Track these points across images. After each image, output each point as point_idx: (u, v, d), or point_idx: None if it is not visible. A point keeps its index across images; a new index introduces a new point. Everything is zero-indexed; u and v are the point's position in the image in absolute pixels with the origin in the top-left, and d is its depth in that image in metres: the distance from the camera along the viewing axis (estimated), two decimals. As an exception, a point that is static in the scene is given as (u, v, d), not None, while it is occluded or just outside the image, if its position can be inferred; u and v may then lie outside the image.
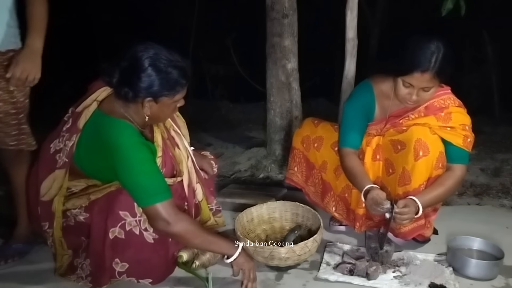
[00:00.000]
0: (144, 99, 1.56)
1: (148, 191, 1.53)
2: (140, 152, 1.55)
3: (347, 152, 1.99)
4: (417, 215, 1.80)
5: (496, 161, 3.57)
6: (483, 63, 6.15)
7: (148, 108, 1.58)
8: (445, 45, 1.73)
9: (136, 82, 1.52)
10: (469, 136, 1.86)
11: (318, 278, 1.77)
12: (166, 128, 1.83)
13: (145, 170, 1.54)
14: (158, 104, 1.58)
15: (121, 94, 1.56)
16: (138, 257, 1.64)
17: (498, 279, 1.78)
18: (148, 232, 1.64)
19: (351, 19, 2.78)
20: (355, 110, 2.01)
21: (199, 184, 1.89)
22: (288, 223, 2.14)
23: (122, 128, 1.57)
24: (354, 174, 1.93)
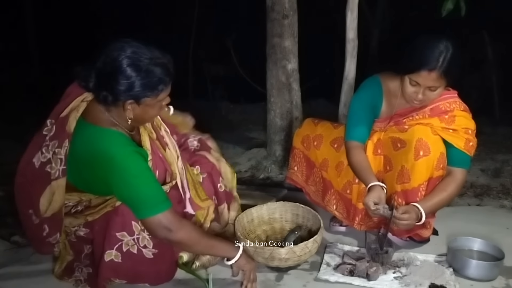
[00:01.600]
0: (125, 102, 1.45)
1: (147, 203, 1.49)
2: (134, 163, 1.47)
3: (354, 146, 1.96)
4: (419, 222, 1.80)
5: (496, 161, 3.57)
6: (483, 63, 6.15)
7: (130, 111, 1.47)
8: (454, 45, 1.73)
9: (114, 85, 1.41)
10: (472, 140, 1.86)
11: (318, 279, 1.77)
12: (155, 127, 1.74)
13: (143, 182, 1.48)
14: (140, 106, 1.47)
15: (100, 98, 1.46)
16: (136, 272, 1.62)
17: (498, 280, 1.78)
18: (147, 249, 1.60)
19: (351, 20, 2.78)
20: (363, 103, 2.00)
21: (189, 191, 1.81)
22: (289, 224, 2.14)
23: (113, 138, 1.48)
24: (359, 169, 1.91)
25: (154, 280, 1.70)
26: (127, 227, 1.56)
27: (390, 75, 2.00)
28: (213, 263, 1.83)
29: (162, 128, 1.77)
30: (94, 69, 1.44)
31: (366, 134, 1.99)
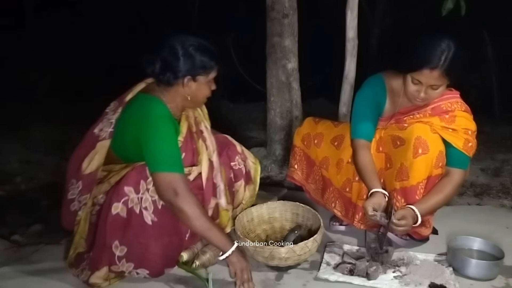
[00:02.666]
0: (184, 78, 1.70)
1: (164, 159, 1.62)
2: (165, 125, 1.66)
3: (361, 145, 1.96)
4: (415, 224, 1.81)
5: (496, 161, 3.58)
6: (483, 63, 6.15)
7: (188, 88, 1.73)
8: (457, 44, 1.73)
9: (177, 64, 1.68)
10: (471, 141, 1.86)
11: (318, 278, 1.77)
12: (197, 122, 1.90)
13: (166, 141, 1.64)
14: (196, 82, 1.73)
15: (163, 80, 1.71)
16: (137, 240, 1.65)
17: (498, 279, 1.78)
18: (147, 212, 1.65)
19: (351, 19, 2.78)
20: (367, 101, 2.00)
21: (222, 184, 1.88)
22: (288, 223, 2.14)
23: (155, 103, 1.70)
24: (365, 171, 1.91)
25: (153, 259, 1.68)
26: (135, 184, 1.65)
27: (393, 74, 2.00)
28: (213, 262, 1.83)
29: (202, 124, 1.92)
30: (159, 56, 1.71)
31: (372, 131, 1.99)
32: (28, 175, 3.09)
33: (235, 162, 2.01)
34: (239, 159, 2.03)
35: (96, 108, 1.91)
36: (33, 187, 2.92)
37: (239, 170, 2.02)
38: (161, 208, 1.67)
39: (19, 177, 3.03)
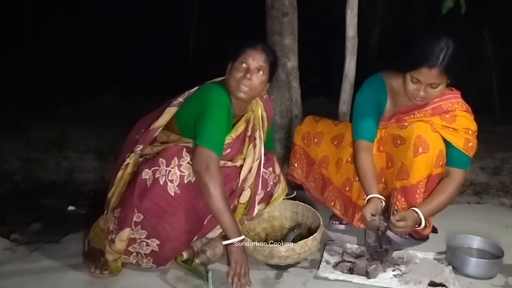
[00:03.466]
0: (228, 64, 1.87)
1: (211, 137, 1.74)
2: (222, 111, 1.78)
3: (362, 148, 1.95)
4: (419, 227, 1.82)
5: (496, 159, 3.58)
6: (483, 61, 6.15)
7: (228, 71, 1.86)
8: (455, 42, 1.73)
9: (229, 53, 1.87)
10: (471, 141, 1.86)
11: (317, 277, 1.77)
12: (254, 128, 1.98)
13: (219, 124, 1.77)
14: (233, 66, 1.84)
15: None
16: (155, 208, 1.70)
17: (497, 278, 1.78)
18: (172, 184, 1.70)
19: (351, 18, 2.77)
20: (368, 101, 2.00)
21: (250, 189, 1.94)
22: (288, 222, 2.14)
23: (221, 91, 1.81)
24: (364, 175, 1.91)
25: (166, 233, 1.72)
26: (169, 158, 1.72)
27: (393, 73, 2.00)
28: (213, 260, 1.83)
29: (258, 133, 1.98)
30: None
31: (374, 131, 1.99)
32: (27, 174, 3.09)
33: (269, 176, 2.05)
34: (272, 180, 2.06)
35: (97, 106, 1.91)
36: (33, 186, 2.92)
37: (266, 191, 2.05)
38: (186, 183, 1.72)
39: (19, 176, 3.03)
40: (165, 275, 1.77)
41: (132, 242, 1.73)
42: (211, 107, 1.77)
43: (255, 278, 1.75)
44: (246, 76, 1.80)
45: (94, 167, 3.30)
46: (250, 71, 1.80)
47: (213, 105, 1.77)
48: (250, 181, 1.94)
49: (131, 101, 5.80)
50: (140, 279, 1.74)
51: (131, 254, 1.76)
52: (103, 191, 2.79)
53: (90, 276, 1.75)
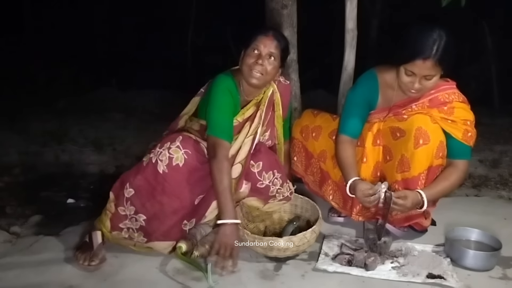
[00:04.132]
0: (241, 51, 1.96)
1: (216, 126, 1.87)
2: (224, 96, 1.90)
3: (344, 140, 2.00)
4: (421, 209, 1.82)
5: (494, 152, 3.58)
6: (483, 54, 6.13)
7: (241, 59, 1.94)
8: (447, 33, 1.73)
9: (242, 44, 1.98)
10: (470, 131, 1.86)
11: (316, 269, 1.78)
12: (264, 120, 2.04)
13: (222, 111, 1.89)
14: (245, 53, 1.92)
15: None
16: (145, 184, 1.79)
17: (495, 270, 1.80)
18: (161, 163, 1.77)
19: (350, 10, 2.76)
20: (358, 99, 2.02)
21: (241, 164, 1.95)
22: (287, 215, 2.15)
23: (226, 77, 1.95)
24: (344, 164, 1.96)
25: (152, 213, 1.79)
26: (163, 143, 1.81)
27: (386, 68, 2.00)
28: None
29: (259, 112, 2.03)
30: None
31: (358, 129, 2.03)
32: (26, 166, 3.08)
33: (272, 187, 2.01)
34: (275, 186, 2.01)
35: (96, 99, 1.91)
36: (32, 178, 2.92)
37: (265, 187, 2.00)
38: (174, 166, 1.77)
39: (18, 168, 3.02)
40: (164, 267, 1.78)
41: (123, 219, 1.81)
42: (215, 95, 1.89)
43: (254, 270, 1.77)
44: (258, 62, 1.88)
45: (93, 160, 3.29)
46: (261, 57, 1.88)
47: (216, 93, 1.89)
48: (241, 157, 1.94)
49: (130, 95, 5.79)
50: (140, 271, 1.75)
51: (122, 230, 1.83)
52: (102, 184, 2.81)
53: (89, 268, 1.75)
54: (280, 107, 2.10)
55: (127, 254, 1.87)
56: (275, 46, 1.90)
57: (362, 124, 2.03)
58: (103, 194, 1.90)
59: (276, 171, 2.01)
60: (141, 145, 3.36)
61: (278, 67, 1.96)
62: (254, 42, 1.90)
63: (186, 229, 1.89)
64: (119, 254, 1.86)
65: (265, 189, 2.00)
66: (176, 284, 1.68)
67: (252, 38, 1.91)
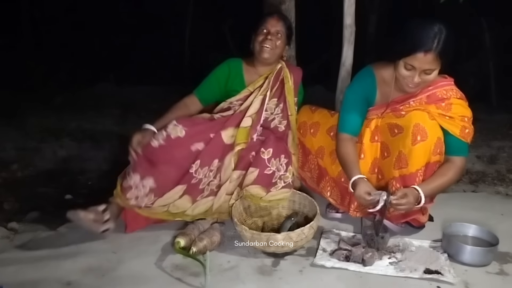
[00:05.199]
0: (251, 36, 2.24)
1: (200, 85, 2.28)
2: (219, 67, 2.29)
3: (344, 138, 2.00)
4: (418, 205, 1.82)
5: (492, 148, 3.60)
6: (480, 50, 6.13)
7: (252, 42, 2.23)
8: (447, 27, 1.73)
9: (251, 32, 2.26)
10: (468, 127, 1.86)
11: (314, 264, 1.79)
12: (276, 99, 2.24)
13: (209, 75, 2.29)
14: (256, 34, 2.21)
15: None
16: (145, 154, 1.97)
17: (492, 265, 1.80)
18: (157, 141, 1.96)
19: (348, 6, 2.75)
20: (356, 96, 2.02)
21: (251, 118, 2.15)
22: (285, 210, 2.15)
23: (233, 58, 2.32)
24: (346, 161, 1.95)
25: (151, 177, 1.94)
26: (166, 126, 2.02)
27: (383, 64, 2.00)
28: (210, 248, 1.84)
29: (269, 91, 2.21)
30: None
31: (358, 127, 2.02)
32: (24, 162, 3.08)
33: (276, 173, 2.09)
34: (279, 172, 2.09)
35: (93, 95, 1.90)
36: (30, 174, 2.92)
37: (271, 174, 2.08)
38: (175, 138, 1.95)
39: (16, 165, 3.02)
40: (161, 263, 1.78)
41: (129, 189, 1.95)
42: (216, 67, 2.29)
43: (252, 266, 1.77)
44: (268, 37, 2.16)
45: (91, 155, 3.29)
46: (270, 34, 2.17)
47: (218, 66, 2.29)
48: (251, 112, 2.15)
49: (128, 90, 5.78)
50: (137, 267, 1.75)
51: (130, 200, 1.95)
52: (101, 180, 2.81)
53: (87, 264, 1.76)
54: (289, 79, 2.27)
55: (125, 250, 1.87)
56: (281, 25, 2.20)
57: (362, 121, 2.03)
58: (101, 190, 1.90)
59: (283, 157, 2.09)
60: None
61: (285, 44, 2.24)
62: (262, 24, 2.19)
63: (192, 171, 1.99)
64: (117, 250, 1.87)
65: (271, 175, 2.06)
66: (174, 280, 1.68)
67: (261, 21, 2.21)
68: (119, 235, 2.00)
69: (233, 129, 2.10)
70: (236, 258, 1.83)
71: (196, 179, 2.01)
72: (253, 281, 1.67)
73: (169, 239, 1.96)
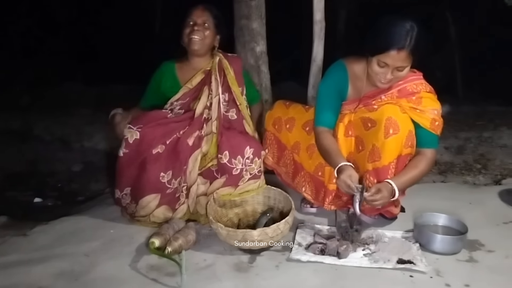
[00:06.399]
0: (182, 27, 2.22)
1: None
2: (155, 74, 2.34)
3: (322, 131, 2.01)
4: (393, 198, 1.85)
5: (459, 139, 3.69)
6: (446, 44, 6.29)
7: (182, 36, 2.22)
8: (419, 24, 1.76)
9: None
10: (437, 120, 1.91)
11: (290, 259, 1.80)
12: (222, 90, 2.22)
13: (147, 88, 2.36)
14: (184, 27, 2.21)
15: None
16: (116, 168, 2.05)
17: (462, 253, 1.86)
18: (120, 149, 2.01)
19: (318, 1, 2.77)
20: (329, 89, 2.03)
21: (216, 121, 2.15)
22: (260, 206, 2.16)
23: (166, 62, 2.34)
24: (329, 151, 1.95)
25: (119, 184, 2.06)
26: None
27: (354, 59, 2.02)
28: (185, 248, 1.82)
29: (213, 76, 2.21)
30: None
31: (334, 119, 2.03)
32: (-11, 166, 2.98)
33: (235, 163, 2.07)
34: (244, 167, 2.07)
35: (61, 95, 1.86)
36: (-4, 178, 2.83)
37: (240, 171, 2.08)
38: (132, 142, 1.98)
39: (-19, 168, 2.92)
40: (136, 264, 1.76)
41: (119, 201, 2.08)
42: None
43: (228, 263, 1.76)
44: (194, 28, 2.16)
45: (60, 157, 3.21)
46: (197, 24, 2.16)
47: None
48: (215, 116, 2.15)
49: (97, 89, 5.65)
50: (111, 269, 1.72)
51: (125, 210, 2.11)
52: (71, 181, 2.75)
53: (59, 269, 1.71)
54: (230, 70, 2.26)
55: (98, 252, 1.84)
56: (207, 15, 2.19)
57: (337, 114, 2.04)
58: (72, 191, 1.86)
59: (247, 150, 2.07)
60: (110, 141, 3.29)
61: (215, 33, 2.23)
62: (189, 16, 2.19)
63: (165, 181, 2.01)
64: (90, 253, 1.83)
65: (239, 174, 2.07)
66: (149, 281, 1.66)
67: (187, 13, 2.20)
68: (91, 237, 1.96)
69: (197, 133, 2.09)
70: (212, 256, 1.82)
71: (171, 188, 2.02)
72: (229, 279, 1.67)
73: (143, 240, 1.94)
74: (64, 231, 2.03)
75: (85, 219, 2.16)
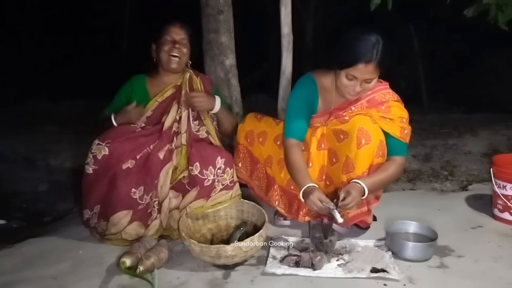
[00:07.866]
0: (151, 46, 2.24)
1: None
2: (125, 86, 2.29)
3: (292, 144, 2.00)
4: (363, 197, 1.85)
5: (426, 147, 3.79)
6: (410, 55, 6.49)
7: (154, 51, 2.24)
8: (384, 37, 1.80)
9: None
10: (406, 128, 1.95)
11: (265, 273, 1.78)
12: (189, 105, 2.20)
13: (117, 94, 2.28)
14: (160, 43, 2.20)
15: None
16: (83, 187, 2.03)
17: (433, 259, 1.89)
18: (88, 166, 1.97)
19: (285, 15, 2.81)
20: (299, 102, 2.04)
21: (186, 133, 2.15)
22: (234, 221, 2.14)
23: (136, 76, 2.31)
24: (296, 169, 1.95)
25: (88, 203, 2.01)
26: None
27: (322, 72, 2.05)
28: (157, 266, 1.78)
29: (183, 91, 2.22)
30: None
31: (303, 131, 2.04)
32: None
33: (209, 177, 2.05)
34: (216, 177, 2.06)
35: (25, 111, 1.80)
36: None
37: (212, 182, 2.06)
38: (101, 158, 1.95)
39: None
40: (107, 286, 1.70)
41: (87, 222, 2.04)
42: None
43: (202, 280, 1.73)
44: (175, 46, 2.17)
45: (25, 176, 3.09)
46: (177, 42, 2.18)
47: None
48: (184, 129, 2.15)
49: (63, 105, 5.52)
50: None
51: (94, 231, 2.06)
52: (37, 201, 2.65)
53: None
54: (199, 87, 2.29)
55: (66, 274, 1.77)
56: (184, 32, 2.21)
57: (307, 126, 2.05)
58: (38, 212, 1.79)
59: (218, 160, 2.06)
60: (77, 159, 3.21)
61: (190, 51, 2.25)
62: (166, 33, 2.19)
63: (136, 197, 1.97)
64: (58, 276, 1.76)
65: (211, 185, 2.06)
66: (122, 302, 1.61)
67: (163, 30, 2.19)
68: (59, 259, 1.89)
69: (168, 146, 2.08)
70: (185, 273, 1.78)
71: (143, 204, 1.99)
72: (204, 296, 1.64)
73: (113, 260, 1.88)
74: (31, 253, 1.95)
75: (53, 240, 2.08)
